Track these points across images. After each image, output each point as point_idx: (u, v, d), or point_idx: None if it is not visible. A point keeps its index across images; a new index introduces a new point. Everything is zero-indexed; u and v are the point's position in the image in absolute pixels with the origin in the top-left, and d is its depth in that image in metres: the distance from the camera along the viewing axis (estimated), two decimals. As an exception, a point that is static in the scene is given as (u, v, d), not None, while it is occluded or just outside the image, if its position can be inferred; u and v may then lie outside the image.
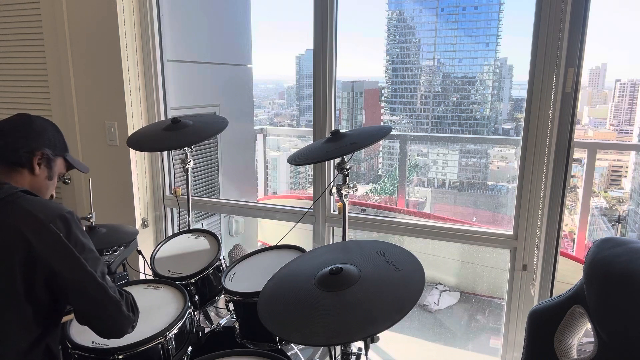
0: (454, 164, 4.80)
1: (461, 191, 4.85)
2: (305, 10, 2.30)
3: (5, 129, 1.31)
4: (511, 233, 2.08)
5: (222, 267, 2.08)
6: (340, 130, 1.88)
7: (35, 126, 1.35)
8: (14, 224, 1.17)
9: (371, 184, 5.02)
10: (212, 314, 2.38)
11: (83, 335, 1.52)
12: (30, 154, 1.31)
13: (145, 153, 2.74)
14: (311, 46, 2.30)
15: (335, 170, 1.92)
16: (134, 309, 1.33)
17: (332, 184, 1.99)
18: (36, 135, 1.34)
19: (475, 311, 3.75)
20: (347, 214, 1.98)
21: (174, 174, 2.84)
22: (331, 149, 1.78)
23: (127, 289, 1.75)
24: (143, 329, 1.51)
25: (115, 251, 1.88)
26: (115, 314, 1.26)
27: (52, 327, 1.30)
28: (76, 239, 1.23)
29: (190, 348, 1.66)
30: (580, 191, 3.14)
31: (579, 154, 3.03)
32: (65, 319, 1.55)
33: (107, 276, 1.28)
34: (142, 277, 2.55)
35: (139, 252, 2.27)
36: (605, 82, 5.88)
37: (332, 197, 2.40)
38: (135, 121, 2.64)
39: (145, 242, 2.78)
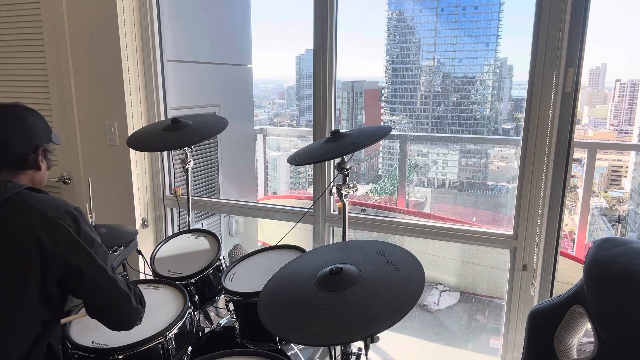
0: (454, 164, 4.80)
1: (461, 191, 4.85)
2: (305, 10, 2.30)
3: (3, 136, 1.26)
4: (511, 233, 2.08)
5: (222, 267, 2.08)
6: (340, 130, 1.88)
7: (28, 122, 1.31)
8: (25, 224, 1.17)
9: (371, 184, 5.01)
10: (212, 314, 2.38)
11: (83, 335, 1.52)
12: (35, 155, 1.32)
13: (145, 153, 2.74)
14: (311, 46, 2.30)
15: (335, 170, 1.92)
16: (141, 301, 1.35)
17: (332, 184, 1.99)
18: (32, 132, 1.32)
19: (475, 311, 3.75)
20: (347, 214, 1.98)
21: (174, 174, 2.84)
22: (331, 149, 1.78)
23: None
24: (143, 329, 1.51)
25: (115, 251, 1.88)
26: (126, 307, 1.28)
27: (53, 325, 1.30)
28: (85, 233, 1.24)
29: (190, 348, 1.66)
30: (580, 191, 3.14)
31: (579, 154, 3.03)
32: (64, 321, 1.55)
33: (115, 267, 1.30)
34: (142, 277, 2.55)
35: (139, 252, 2.27)
36: (605, 82, 5.88)
37: (332, 197, 2.40)
38: (135, 121, 2.64)
39: (145, 242, 2.78)
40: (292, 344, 2.01)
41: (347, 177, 1.88)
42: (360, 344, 1.26)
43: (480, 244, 2.21)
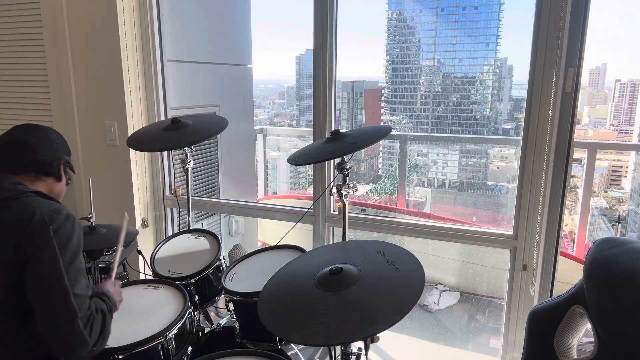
0: (454, 164, 4.80)
1: (461, 191, 4.85)
2: (305, 10, 2.30)
3: (32, 143, 1.36)
4: (511, 233, 2.08)
5: (222, 267, 2.08)
6: (340, 130, 1.88)
7: (53, 136, 1.43)
8: (10, 219, 1.20)
9: (371, 184, 5.02)
10: (212, 314, 2.38)
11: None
12: (58, 164, 1.40)
13: (145, 153, 2.74)
14: (311, 46, 2.30)
15: (335, 170, 1.92)
16: (93, 329, 1.19)
17: (332, 184, 1.99)
18: (56, 145, 1.43)
19: (475, 311, 3.74)
20: (347, 214, 1.98)
21: (174, 174, 2.84)
22: (331, 149, 1.78)
23: (127, 289, 1.76)
24: (143, 329, 1.51)
25: (115, 251, 1.87)
26: (66, 325, 1.15)
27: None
28: (63, 236, 1.21)
29: (190, 348, 1.66)
30: (580, 191, 3.14)
31: (579, 154, 3.03)
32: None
33: (82, 286, 1.20)
34: (142, 277, 2.55)
35: (139, 252, 2.27)
36: (605, 82, 5.89)
37: (332, 197, 2.40)
38: (135, 121, 2.64)
39: (145, 242, 2.78)
40: (292, 344, 2.01)
41: (347, 177, 1.87)
42: (360, 344, 1.26)
43: (480, 244, 2.21)
